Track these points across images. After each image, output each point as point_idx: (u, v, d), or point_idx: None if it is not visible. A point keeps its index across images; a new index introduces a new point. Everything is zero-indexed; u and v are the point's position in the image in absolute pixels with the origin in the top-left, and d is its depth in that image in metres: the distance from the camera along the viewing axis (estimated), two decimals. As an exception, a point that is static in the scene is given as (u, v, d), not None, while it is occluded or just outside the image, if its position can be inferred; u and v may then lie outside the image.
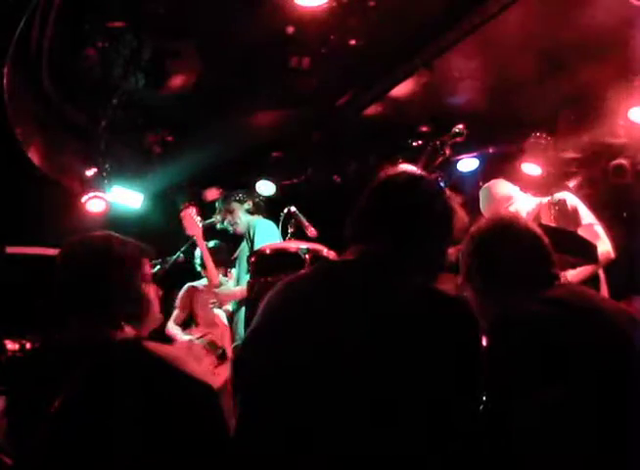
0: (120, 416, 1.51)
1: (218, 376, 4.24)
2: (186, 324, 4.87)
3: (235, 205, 4.46)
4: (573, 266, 3.16)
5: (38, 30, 4.13)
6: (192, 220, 4.27)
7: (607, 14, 4.18)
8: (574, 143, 5.24)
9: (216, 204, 4.59)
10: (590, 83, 4.75)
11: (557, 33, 4.42)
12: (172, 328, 4.72)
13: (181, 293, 4.90)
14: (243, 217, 4.42)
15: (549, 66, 4.78)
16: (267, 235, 4.02)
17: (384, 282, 1.51)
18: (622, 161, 5.15)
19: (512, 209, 3.96)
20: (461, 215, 1.72)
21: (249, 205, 4.47)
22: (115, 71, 4.83)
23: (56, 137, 5.32)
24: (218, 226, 4.52)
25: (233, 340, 4.26)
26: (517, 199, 4.02)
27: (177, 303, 4.87)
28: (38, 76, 4.68)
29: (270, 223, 4.16)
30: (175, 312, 4.83)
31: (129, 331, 1.78)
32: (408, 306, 1.44)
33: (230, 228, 4.45)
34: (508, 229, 1.92)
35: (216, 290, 4.27)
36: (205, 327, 4.70)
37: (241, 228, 4.38)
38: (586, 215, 3.65)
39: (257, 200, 4.56)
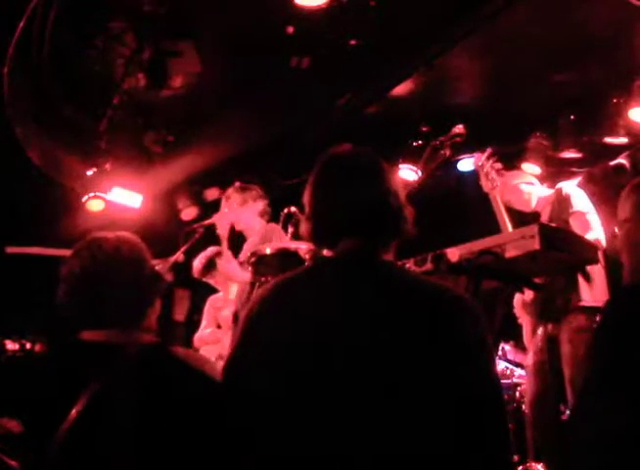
0: (147, 413, 1.58)
1: None
2: None
3: (250, 199, 4.25)
4: (570, 267, 3.15)
5: (38, 30, 4.13)
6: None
7: (607, 14, 4.19)
8: (574, 143, 5.24)
9: (230, 192, 4.28)
10: (590, 83, 4.76)
11: (557, 33, 4.42)
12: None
13: (206, 307, 4.81)
14: (247, 216, 4.29)
15: (549, 66, 4.79)
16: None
17: (367, 275, 1.54)
18: (622, 161, 5.15)
19: (527, 189, 3.97)
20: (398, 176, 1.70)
21: (259, 206, 4.31)
22: (116, 71, 4.83)
23: (56, 137, 5.32)
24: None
25: None
26: (536, 185, 4.06)
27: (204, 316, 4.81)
28: (38, 76, 4.67)
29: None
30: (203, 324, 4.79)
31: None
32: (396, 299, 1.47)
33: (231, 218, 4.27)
34: None
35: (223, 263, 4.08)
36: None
37: (240, 226, 4.27)
38: (578, 204, 3.64)
39: (267, 204, 4.42)
